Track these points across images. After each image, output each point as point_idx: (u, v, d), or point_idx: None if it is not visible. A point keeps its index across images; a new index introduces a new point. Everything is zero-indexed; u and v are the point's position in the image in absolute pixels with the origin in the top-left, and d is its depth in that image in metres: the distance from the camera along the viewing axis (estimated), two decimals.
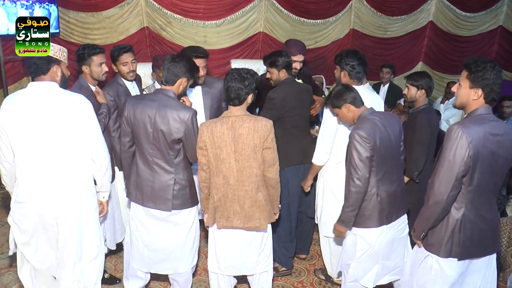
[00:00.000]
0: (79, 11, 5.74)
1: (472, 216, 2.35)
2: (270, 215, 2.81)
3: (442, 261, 2.42)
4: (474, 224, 2.36)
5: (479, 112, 2.29)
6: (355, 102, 2.76)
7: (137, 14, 6.03)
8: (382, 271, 2.87)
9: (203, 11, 6.20)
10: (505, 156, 2.30)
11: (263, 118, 2.72)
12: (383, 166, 2.67)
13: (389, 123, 2.72)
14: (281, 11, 6.51)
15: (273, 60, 3.43)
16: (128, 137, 2.90)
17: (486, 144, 2.23)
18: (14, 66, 5.63)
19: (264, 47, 6.60)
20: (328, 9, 6.73)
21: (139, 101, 2.84)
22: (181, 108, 2.75)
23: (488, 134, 2.24)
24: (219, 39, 6.40)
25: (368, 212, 2.69)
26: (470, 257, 2.42)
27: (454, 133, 2.23)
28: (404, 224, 2.90)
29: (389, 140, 2.67)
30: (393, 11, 7.08)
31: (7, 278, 3.59)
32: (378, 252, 2.78)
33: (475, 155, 2.21)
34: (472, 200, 2.33)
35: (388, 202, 2.71)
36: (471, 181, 2.28)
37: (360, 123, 2.70)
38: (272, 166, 2.71)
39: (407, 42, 7.35)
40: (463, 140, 2.21)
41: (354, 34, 7.06)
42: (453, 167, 2.24)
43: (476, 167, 2.25)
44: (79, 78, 3.25)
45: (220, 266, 2.88)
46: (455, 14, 7.39)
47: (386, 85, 6.22)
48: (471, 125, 2.24)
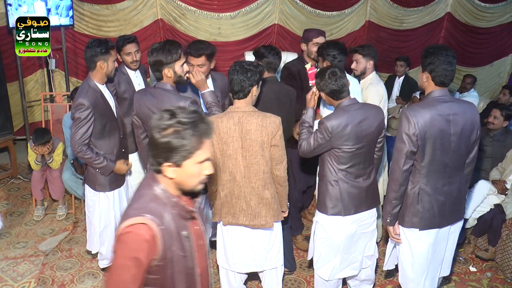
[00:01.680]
0: (93, 3, 5.75)
1: (428, 189, 2.57)
2: (277, 213, 2.75)
3: (407, 232, 2.67)
4: (431, 197, 2.58)
5: (432, 95, 2.53)
6: (333, 94, 2.74)
7: (151, 6, 6.01)
8: (341, 265, 2.88)
9: (218, 3, 6.16)
10: (458, 133, 2.49)
11: (271, 114, 2.65)
12: (346, 162, 2.68)
13: (367, 118, 2.68)
14: (296, 3, 6.43)
15: (261, 52, 3.38)
16: (141, 129, 2.98)
17: (433, 124, 2.45)
18: (29, 58, 5.67)
19: (279, 39, 6.54)
20: (344, 1, 6.63)
21: (142, 96, 2.92)
22: (178, 99, 2.76)
23: (435, 115, 2.45)
24: (233, 31, 6.36)
25: (329, 200, 2.74)
26: (432, 227, 2.63)
27: (403, 116, 2.50)
28: (370, 219, 2.88)
29: (358, 134, 2.65)
30: (409, 2, 6.94)
31: (23, 267, 3.64)
32: (339, 244, 2.79)
33: (422, 134, 2.45)
34: (427, 175, 2.56)
35: (348, 194, 2.72)
36: (422, 158, 2.52)
37: (334, 113, 2.72)
38: (280, 163, 2.68)
39: (424, 34, 7.19)
40: (410, 121, 2.45)
41: (370, 26, 6.95)
42: (402, 146, 2.49)
43: (425, 145, 2.48)
44: (87, 78, 3.10)
45: (229, 262, 2.86)
46: (473, 5, 7.22)
47: (402, 77, 6.14)
48: (418, 109, 2.49)
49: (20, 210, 4.60)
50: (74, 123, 3.00)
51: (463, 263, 3.86)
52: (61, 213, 4.46)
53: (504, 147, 4.29)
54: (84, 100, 2.95)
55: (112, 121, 3.15)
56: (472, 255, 3.96)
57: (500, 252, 3.68)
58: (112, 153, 3.17)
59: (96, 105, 3.00)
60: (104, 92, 3.13)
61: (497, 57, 7.77)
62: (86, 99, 2.95)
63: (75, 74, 5.98)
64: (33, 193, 4.48)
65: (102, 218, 3.27)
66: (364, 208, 2.80)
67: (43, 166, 4.39)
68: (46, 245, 3.96)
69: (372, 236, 2.94)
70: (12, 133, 5.30)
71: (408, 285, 2.80)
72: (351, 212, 2.74)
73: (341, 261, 2.87)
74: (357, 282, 3.12)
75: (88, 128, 2.99)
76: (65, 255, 3.82)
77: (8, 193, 4.97)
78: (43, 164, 4.36)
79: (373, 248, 2.97)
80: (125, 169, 3.27)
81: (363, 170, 2.76)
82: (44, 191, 4.55)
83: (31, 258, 3.76)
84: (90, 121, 2.98)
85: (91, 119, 2.98)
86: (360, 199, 2.76)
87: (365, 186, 2.77)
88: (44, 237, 4.10)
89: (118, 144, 3.21)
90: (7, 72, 5.38)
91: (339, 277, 2.94)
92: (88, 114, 2.96)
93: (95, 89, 3.05)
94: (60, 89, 5.91)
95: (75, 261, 3.73)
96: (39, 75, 5.89)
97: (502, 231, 3.74)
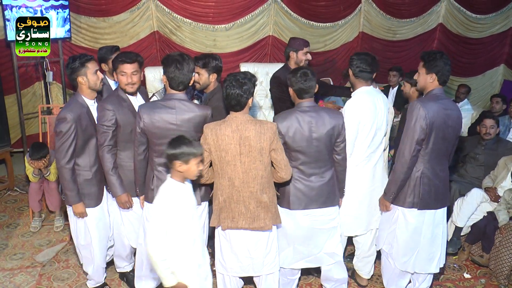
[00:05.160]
0: (90, 16, 5.82)
1: (429, 173, 2.95)
2: (276, 216, 2.83)
3: (406, 211, 3.03)
4: (430, 181, 2.95)
5: (434, 92, 2.92)
6: (298, 92, 2.92)
7: (148, 18, 6.10)
8: (295, 255, 3.07)
9: (213, 15, 6.25)
10: (453, 126, 2.92)
11: (268, 121, 2.78)
12: (297, 160, 2.90)
13: (317, 121, 2.86)
14: (290, 15, 6.53)
15: (206, 61, 3.36)
16: (144, 146, 2.93)
17: (439, 116, 2.83)
18: (27, 71, 5.73)
19: (274, 50, 6.63)
20: (338, 12, 6.74)
21: (154, 109, 2.83)
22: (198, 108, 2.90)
23: (440, 109, 2.85)
24: (228, 42, 6.44)
25: (281, 194, 2.97)
26: (428, 208, 3.01)
27: (415, 107, 2.85)
28: (329, 217, 3.03)
29: (306, 136, 2.84)
30: (402, 13, 7.06)
31: (19, 278, 3.65)
32: (289, 235, 3.01)
33: (431, 124, 2.82)
34: (429, 161, 2.93)
35: (298, 191, 2.93)
36: (427, 145, 2.89)
37: (285, 115, 2.90)
38: (286, 166, 2.77)
39: (417, 45, 7.31)
40: (422, 112, 2.81)
41: (363, 37, 7.05)
42: (414, 134, 2.84)
43: (431, 134, 2.85)
44: (75, 94, 3.07)
45: (226, 266, 2.90)
46: (465, 16, 7.35)
47: (395, 88, 6.20)
48: (427, 101, 2.87)
49: (17, 221, 4.62)
50: (57, 137, 2.96)
51: (458, 270, 3.90)
52: (58, 224, 4.47)
53: (496, 155, 4.35)
54: (67, 114, 2.90)
55: (93, 138, 3.08)
56: (467, 262, 4.00)
57: (493, 259, 3.72)
58: (89, 171, 3.10)
59: (79, 120, 2.95)
60: (92, 108, 3.09)
61: (489, 67, 7.89)
62: (70, 113, 2.91)
63: (72, 86, 5.96)
64: (30, 204, 4.50)
65: (80, 236, 3.22)
66: (315, 205, 2.96)
67: (41, 178, 4.41)
68: (43, 256, 3.97)
69: (331, 234, 3.08)
70: (9, 145, 5.33)
71: (400, 260, 3.15)
72: (300, 207, 2.94)
73: (294, 252, 3.06)
74: (331, 283, 3.25)
75: (72, 142, 2.94)
76: (62, 265, 3.83)
77: (5, 205, 4.98)
78: (40, 176, 4.39)
79: (334, 246, 3.10)
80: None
81: (314, 169, 2.93)
82: (41, 203, 4.56)
83: (28, 269, 3.77)
84: (72, 135, 2.93)
85: (73, 132, 2.93)
86: (310, 197, 2.94)
87: (318, 185, 2.95)
88: (41, 248, 4.11)
89: (98, 162, 3.13)
90: (5, 84, 5.42)
91: (293, 267, 3.14)
92: (69, 128, 2.91)
93: (82, 104, 3.02)
94: (57, 102, 5.95)
95: (72, 272, 3.74)
96: (36, 87, 5.93)
97: (495, 238, 3.78)
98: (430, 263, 3.17)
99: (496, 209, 3.89)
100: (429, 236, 3.09)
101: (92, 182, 3.13)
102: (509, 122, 5.22)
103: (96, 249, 3.25)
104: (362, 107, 3.10)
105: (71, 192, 3.02)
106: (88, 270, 3.34)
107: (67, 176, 2.99)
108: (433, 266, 3.18)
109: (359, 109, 3.10)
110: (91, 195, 3.14)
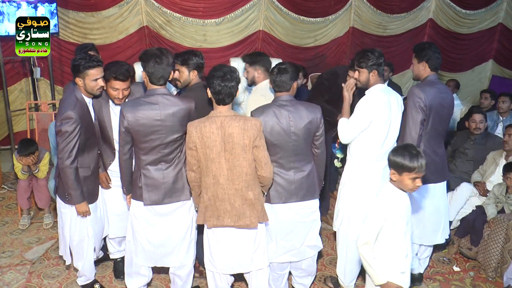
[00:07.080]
0: (78, 11, 5.75)
1: (428, 151, 3.18)
2: (262, 214, 2.80)
3: None
4: (429, 157, 3.07)
5: (429, 79, 3.21)
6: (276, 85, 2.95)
7: (137, 13, 6.04)
8: (278, 250, 3.06)
9: (203, 9, 6.22)
10: (448, 107, 3.24)
11: (252, 118, 2.75)
12: (275, 154, 2.89)
13: (295, 115, 2.86)
14: (280, 9, 6.52)
15: (186, 58, 3.29)
16: (129, 145, 2.87)
17: (436, 99, 3.13)
18: (14, 67, 5.65)
19: (264, 45, 6.62)
20: (328, 8, 6.74)
21: (137, 107, 2.78)
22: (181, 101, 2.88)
23: (436, 92, 3.15)
24: (218, 37, 6.42)
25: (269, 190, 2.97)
26: (429, 182, 3.23)
27: (414, 92, 3.12)
28: (308, 210, 3.04)
29: (284, 129, 2.84)
30: (393, 9, 7.08)
31: (9, 276, 3.61)
32: (271, 230, 2.99)
33: (430, 106, 3.11)
34: (429, 140, 3.21)
35: (277, 185, 2.92)
36: (427, 125, 3.16)
37: (263, 109, 2.89)
38: (266, 164, 2.73)
39: (407, 40, 7.34)
40: (421, 96, 3.08)
41: (354, 32, 7.06)
42: (417, 116, 3.09)
43: (430, 115, 3.13)
44: (75, 90, 3.00)
45: (215, 264, 2.89)
46: (455, 12, 7.39)
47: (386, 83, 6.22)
48: (425, 86, 3.16)
49: (6, 219, 4.57)
50: (61, 136, 2.89)
51: (447, 263, 3.94)
52: (47, 221, 4.43)
53: (485, 150, 4.40)
54: (72, 113, 2.86)
55: (93, 136, 3.09)
56: (456, 255, 4.04)
57: (482, 252, 3.76)
58: (89, 168, 3.10)
59: (82, 119, 2.93)
60: (89, 106, 3.07)
61: (478, 62, 7.96)
62: (74, 112, 2.87)
63: (61, 82, 5.95)
64: (19, 202, 4.45)
65: (75, 233, 3.19)
66: (295, 199, 2.96)
67: (30, 175, 4.37)
68: (32, 254, 3.93)
69: (313, 226, 3.10)
70: None
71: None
72: (280, 201, 2.94)
73: (278, 246, 3.05)
74: (299, 272, 3.27)
75: (76, 142, 2.90)
76: (52, 263, 3.80)
77: None
78: (29, 173, 4.34)
79: (315, 239, 3.13)
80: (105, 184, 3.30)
81: (293, 163, 2.93)
82: (30, 200, 4.52)
83: (17, 267, 3.74)
84: (77, 135, 2.90)
85: (78, 132, 2.90)
86: (290, 190, 2.94)
87: (297, 179, 2.95)
88: (30, 246, 4.07)
89: (96, 160, 3.15)
90: None
91: (278, 261, 3.11)
92: (75, 128, 2.88)
93: (82, 102, 2.99)
94: (45, 98, 5.89)
95: (62, 269, 3.71)
96: (23, 84, 5.87)
97: (483, 231, 3.82)
98: (435, 234, 3.41)
99: (485, 203, 3.93)
100: (432, 209, 3.34)
101: (91, 179, 3.14)
102: (497, 117, 5.27)
103: (90, 244, 3.25)
104: (377, 105, 3.03)
105: (75, 191, 2.99)
106: (79, 266, 3.32)
107: (72, 176, 2.94)
108: (439, 237, 3.42)
109: (374, 108, 3.03)
110: (90, 192, 3.15)
